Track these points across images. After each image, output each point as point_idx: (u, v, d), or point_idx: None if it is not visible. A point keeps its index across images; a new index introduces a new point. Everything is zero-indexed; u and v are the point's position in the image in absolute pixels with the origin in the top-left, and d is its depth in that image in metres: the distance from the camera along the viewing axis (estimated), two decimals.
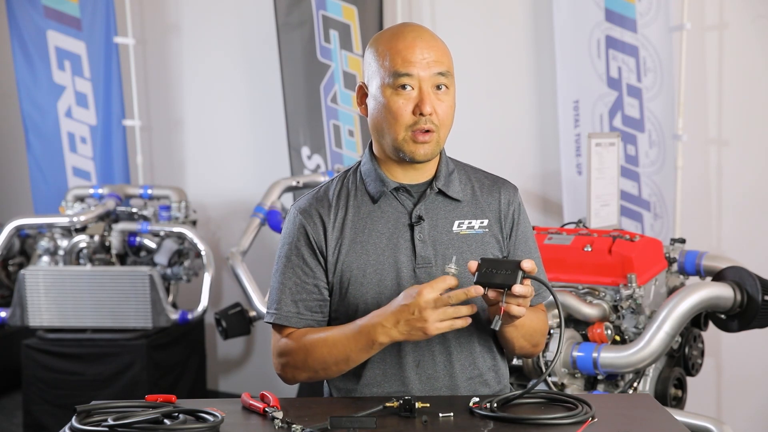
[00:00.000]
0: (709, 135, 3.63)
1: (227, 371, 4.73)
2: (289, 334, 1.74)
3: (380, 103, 1.68)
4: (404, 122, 1.65)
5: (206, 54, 4.65)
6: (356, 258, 1.70)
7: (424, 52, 1.65)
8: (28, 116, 4.53)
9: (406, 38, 1.66)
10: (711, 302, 2.66)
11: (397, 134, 1.66)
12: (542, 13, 3.86)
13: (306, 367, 1.70)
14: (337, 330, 1.66)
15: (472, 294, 1.50)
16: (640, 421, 1.54)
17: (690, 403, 2.94)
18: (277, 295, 1.75)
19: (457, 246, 1.72)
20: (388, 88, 1.66)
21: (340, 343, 1.64)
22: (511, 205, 1.78)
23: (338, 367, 1.67)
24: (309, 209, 1.75)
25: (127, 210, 4.11)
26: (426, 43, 1.66)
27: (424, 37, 1.67)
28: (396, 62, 1.65)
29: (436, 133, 1.67)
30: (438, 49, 1.68)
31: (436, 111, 1.66)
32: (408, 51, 1.65)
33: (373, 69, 1.69)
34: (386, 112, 1.67)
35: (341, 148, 4.17)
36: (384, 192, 1.72)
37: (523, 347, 1.75)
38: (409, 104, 1.65)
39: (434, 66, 1.65)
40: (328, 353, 1.66)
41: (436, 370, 1.71)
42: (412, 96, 1.65)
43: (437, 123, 1.67)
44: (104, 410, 1.50)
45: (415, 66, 1.64)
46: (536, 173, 3.96)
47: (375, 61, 1.69)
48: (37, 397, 3.90)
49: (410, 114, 1.65)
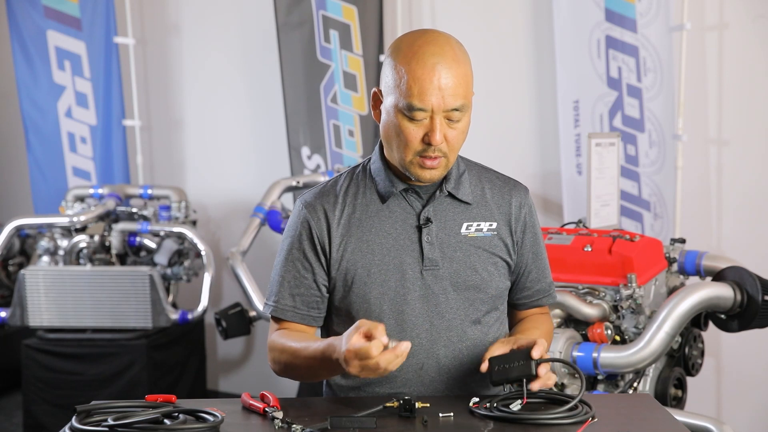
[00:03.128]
0: (709, 135, 3.63)
1: (227, 371, 4.73)
2: (281, 329, 1.75)
3: (392, 122, 1.64)
4: (413, 148, 1.63)
5: (206, 54, 4.65)
6: (361, 257, 1.70)
7: (442, 82, 1.58)
8: (28, 116, 4.53)
9: (426, 63, 1.58)
10: (711, 302, 2.66)
11: (405, 157, 1.64)
12: (542, 13, 3.86)
13: (285, 370, 1.73)
14: (307, 344, 1.65)
15: (399, 353, 1.46)
16: (640, 421, 1.54)
17: (690, 403, 2.94)
18: (275, 287, 1.76)
19: (465, 248, 1.71)
20: (400, 113, 1.62)
21: (308, 360, 1.64)
22: (523, 208, 1.78)
23: (310, 378, 1.71)
24: (314, 204, 1.74)
25: (127, 210, 4.11)
26: (446, 72, 1.58)
27: (444, 63, 1.58)
28: (412, 92, 1.58)
29: (445, 159, 1.65)
30: (457, 78, 1.59)
31: (446, 138, 1.62)
32: (426, 81, 1.57)
33: (389, 84, 1.63)
34: (396, 134, 1.64)
35: (341, 148, 4.17)
36: (393, 192, 1.71)
37: None
38: (420, 131, 1.61)
39: (449, 100, 1.59)
40: (299, 365, 1.67)
41: (440, 373, 1.71)
42: (424, 123, 1.61)
43: (446, 150, 1.63)
44: (104, 410, 1.50)
45: (430, 99, 1.58)
46: (536, 173, 3.96)
47: (392, 77, 1.62)
48: (37, 397, 3.90)
49: (419, 141, 1.62)
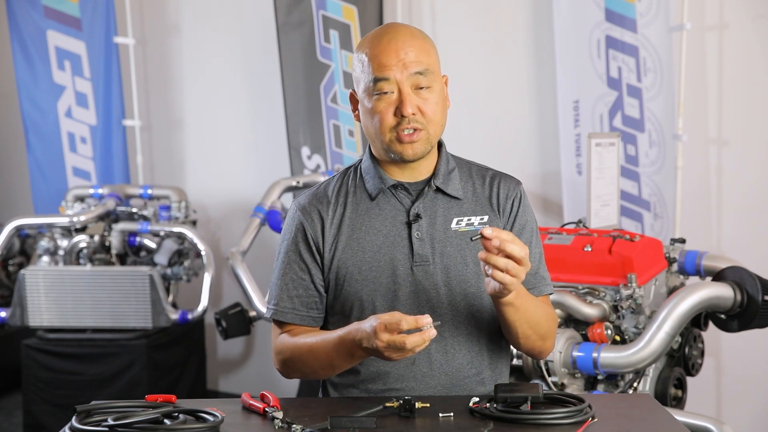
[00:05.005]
0: (709, 135, 3.63)
1: (227, 371, 4.73)
2: (286, 332, 1.76)
3: (366, 109, 1.70)
4: (388, 125, 1.67)
5: (206, 54, 4.65)
6: (352, 255, 1.72)
7: (399, 53, 1.65)
8: (28, 116, 4.53)
9: (381, 41, 1.67)
10: (711, 302, 2.66)
11: (384, 137, 1.68)
12: (542, 13, 3.86)
13: (296, 368, 1.73)
14: (322, 337, 1.67)
15: (422, 324, 1.48)
16: (640, 421, 1.54)
17: (690, 403, 2.94)
18: (275, 291, 1.78)
19: (455, 243, 1.71)
20: (369, 94, 1.68)
21: (323, 351, 1.65)
22: (510, 198, 1.77)
23: (325, 372, 1.70)
24: (308, 206, 1.77)
25: (127, 210, 4.11)
26: (402, 44, 1.66)
27: (400, 37, 1.67)
28: (373, 67, 1.66)
29: (424, 131, 1.67)
30: (415, 47, 1.66)
31: (421, 110, 1.66)
32: (383, 55, 1.65)
33: (357, 77, 1.72)
34: (371, 117, 1.68)
35: (341, 148, 4.17)
36: (382, 189, 1.74)
37: (529, 337, 1.69)
38: (391, 107, 1.66)
39: (411, 66, 1.65)
40: (314, 359, 1.67)
41: (432, 368, 1.71)
42: (393, 99, 1.66)
43: (423, 121, 1.67)
44: (104, 410, 1.50)
45: (391, 69, 1.65)
46: (536, 173, 3.96)
47: (358, 68, 1.71)
48: (37, 397, 3.90)
49: (392, 116, 1.66)
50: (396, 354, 1.50)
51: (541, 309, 1.72)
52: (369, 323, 1.52)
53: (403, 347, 1.47)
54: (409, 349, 1.48)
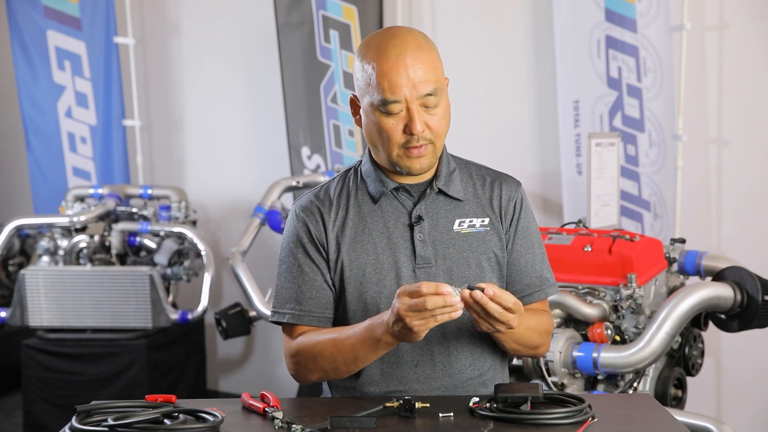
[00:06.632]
0: (709, 135, 3.63)
1: (227, 371, 4.73)
2: (299, 334, 1.73)
3: (372, 122, 1.67)
4: (396, 141, 1.65)
5: (206, 54, 4.65)
6: (356, 257, 1.71)
7: (409, 71, 1.61)
8: (28, 116, 4.53)
9: (390, 57, 1.62)
10: (711, 302, 2.66)
11: (391, 152, 1.67)
12: (542, 14, 3.86)
13: (316, 368, 1.70)
14: (345, 330, 1.66)
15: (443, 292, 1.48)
16: (640, 421, 1.54)
17: (690, 403, 2.94)
18: (284, 295, 1.75)
19: (457, 245, 1.71)
20: (376, 110, 1.65)
21: (347, 344, 1.64)
22: (512, 200, 1.77)
23: (347, 367, 1.67)
24: (310, 207, 1.76)
25: (127, 210, 4.11)
26: (411, 59, 1.62)
27: (408, 51, 1.62)
28: (382, 87, 1.62)
29: (431, 145, 1.67)
30: (424, 63, 1.63)
31: (429, 126, 1.65)
32: (393, 73, 1.61)
33: (361, 86, 1.67)
34: (378, 132, 1.66)
35: (341, 148, 4.17)
36: (384, 192, 1.73)
37: (517, 350, 1.73)
38: (399, 124, 1.64)
39: (421, 87, 1.62)
40: (337, 353, 1.66)
41: (435, 370, 1.71)
42: (401, 116, 1.64)
43: (431, 136, 1.66)
44: (104, 410, 1.50)
45: (401, 89, 1.62)
46: (536, 173, 3.96)
47: (362, 78, 1.67)
48: (37, 397, 3.90)
49: (401, 133, 1.65)
50: (418, 321, 1.49)
51: (535, 324, 1.72)
52: (387, 312, 1.55)
53: (424, 307, 1.47)
54: (431, 314, 1.47)
